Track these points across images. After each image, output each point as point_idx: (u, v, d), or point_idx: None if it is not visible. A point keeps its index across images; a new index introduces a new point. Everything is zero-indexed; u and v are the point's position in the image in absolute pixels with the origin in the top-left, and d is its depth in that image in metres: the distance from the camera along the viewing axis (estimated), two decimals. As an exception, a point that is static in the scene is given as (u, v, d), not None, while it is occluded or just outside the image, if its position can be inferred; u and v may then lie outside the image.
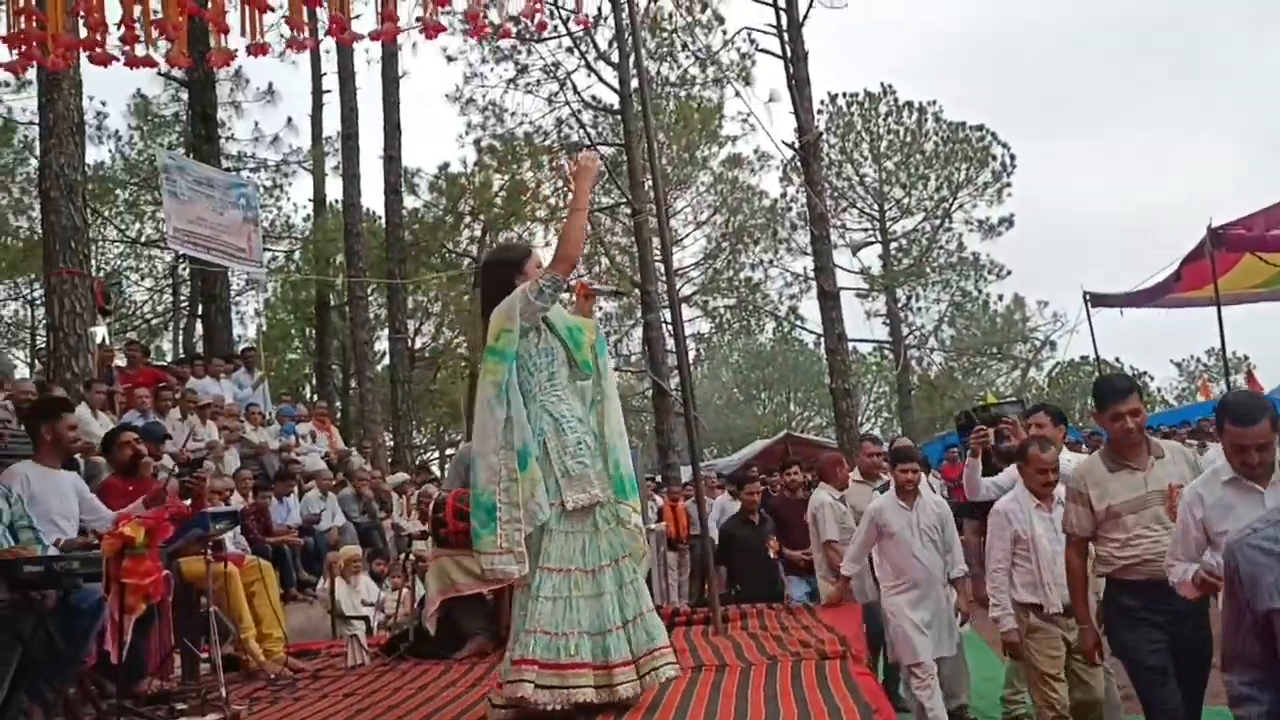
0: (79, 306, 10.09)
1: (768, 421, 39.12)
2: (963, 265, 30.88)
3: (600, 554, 3.60)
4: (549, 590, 3.48)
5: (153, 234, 24.23)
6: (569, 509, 3.55)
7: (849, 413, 16.80)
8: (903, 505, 5.77)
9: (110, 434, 6.10)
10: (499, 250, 4.34)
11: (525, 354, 3.64)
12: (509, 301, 3.61)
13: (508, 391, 3.56)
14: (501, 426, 3.53)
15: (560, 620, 3.47)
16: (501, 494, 3.48)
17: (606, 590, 3.56)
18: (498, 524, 3.46)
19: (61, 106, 10.28)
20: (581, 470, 3.58)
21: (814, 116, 18.22)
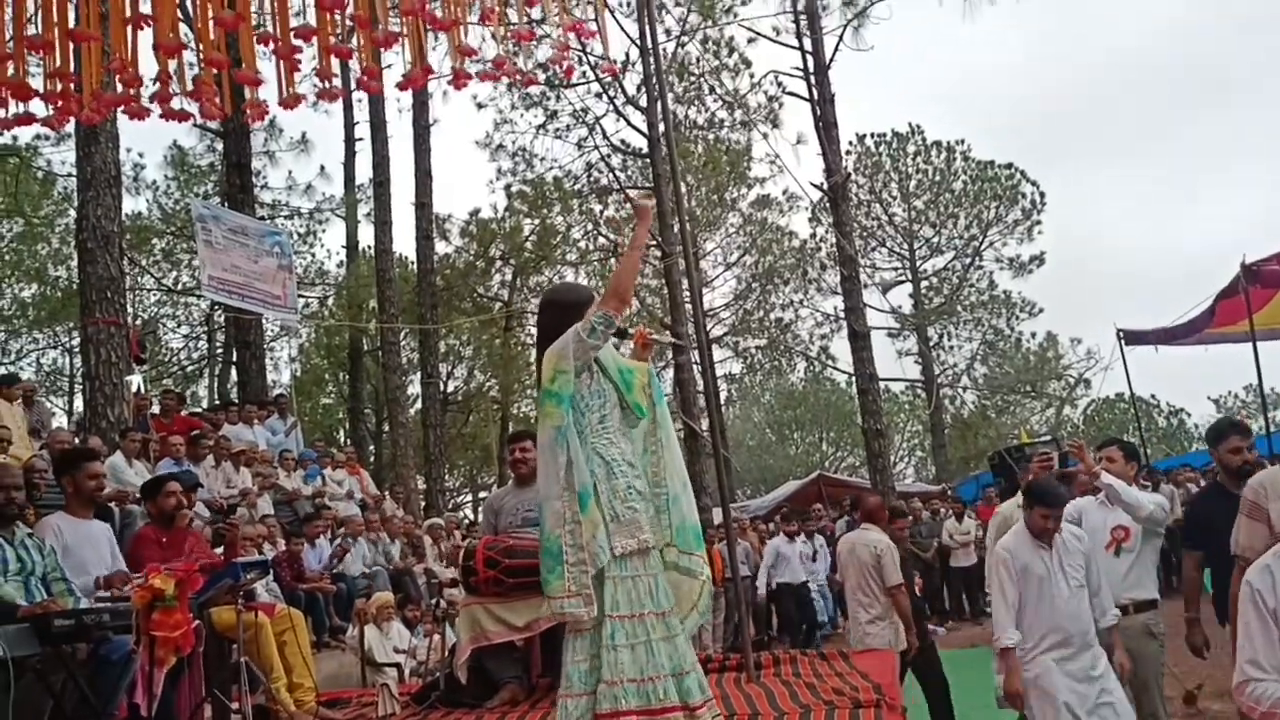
0: (115, 356, 10.22)
1: (800, 462, 38.90)
2: (994, 303, 30.72)
3: (668, 596, 3.56)
4: (623, 638, 3.43)
5: (189, 282, 24.56)
6: (617, 554, 3.50)
7: (881, 453, 16.68)
8: (1041, 546, 4.99)
9: (154, 483, 6.02)
10: (560, 289, 4.30)
11: (577, 395, 3.62)
12: (562, 342, 3.60)
13: (566, 434, 3.53)
14: (564, 470, 3.51)
15: (645, 665, 3.41)
16: (567, 536, 3.46)
17: (676, 632, 3.52)
18: (564, 567, 3.43)
19: (99, 159, 10.49)
20: (631, 515, 3.54)
21: (842, 157, 18.26)
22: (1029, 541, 4.94)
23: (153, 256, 24.99)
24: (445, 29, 5.22)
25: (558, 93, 20.40)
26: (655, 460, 3.84)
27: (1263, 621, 2.74)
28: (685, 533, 3.79)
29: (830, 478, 23.66)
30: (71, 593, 4.72)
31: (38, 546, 4.68)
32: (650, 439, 3.86)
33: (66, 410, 25.41)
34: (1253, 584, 2.77)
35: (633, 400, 3.78)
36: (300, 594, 8.95)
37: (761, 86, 20.62)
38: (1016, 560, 4.90)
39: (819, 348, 29.48)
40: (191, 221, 14.35)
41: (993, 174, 29.97)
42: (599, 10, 6.02)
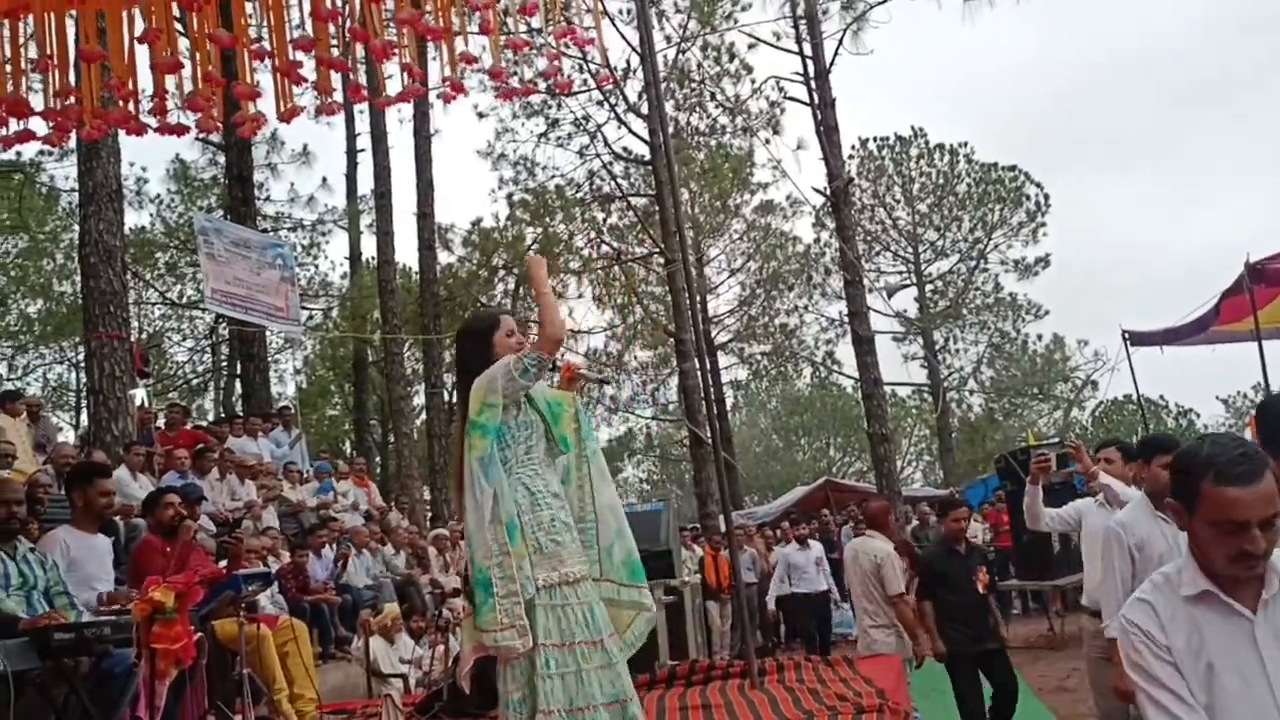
0: (118, 370, 10.25)
1: (807, 468, 38.88)
2: (1000, 306, 30.66)
3: (605, 623, 3.53)
4: (555, 667, 3.40)
5: (193, 295, 24.60)
6: (540, 585, 3.48)
7: (888, 457, 16.68)
8: (1161, 516, 4.21)
9: (153, 495, 6.10)
10: (470, 318, 4.32)
11: (505, 426, 3.61)
12: (490, 374, 3.58)
13: (491, 467, 3.52)
14: (490, 502, 3.50)
15: (575, 695, 3.38)
16: (495, 568, 3.43)
17: (615, 660, 3.49)
18: (495, 599, 3.39)
19: (100, 174, 10.52)
20: (554, 548, 3.52)
21: (844, 162, 18.26)
22: (1146, 511, 4.23)
23: (156, 270, 25.06)
24: (440, 38, 5.24)
25: (559, 101, 20.43)
26: (580, 493, 3.81)
27: None
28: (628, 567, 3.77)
29: (837, 483, 23.63)
30: (74, 606, 4.73)
31: (40, 561, 4.70)
32: (577, 472, 3.84)
33: (73, 425, 25.49)
34: None
35: (559, 433, 3.76)
36: (305, 605, 8.94)
37: (762, 92, 20.65)
38: (1131, 534, 4.15)
39: (824, 353, 29.44)
40: (194, 235, 14.39)
41: (996, 176, 29.94)
42: (596, 18, 6.04)
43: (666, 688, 6.29)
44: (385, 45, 5.12)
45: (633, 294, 22.88)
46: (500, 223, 22.97)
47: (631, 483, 39.96)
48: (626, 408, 27.32)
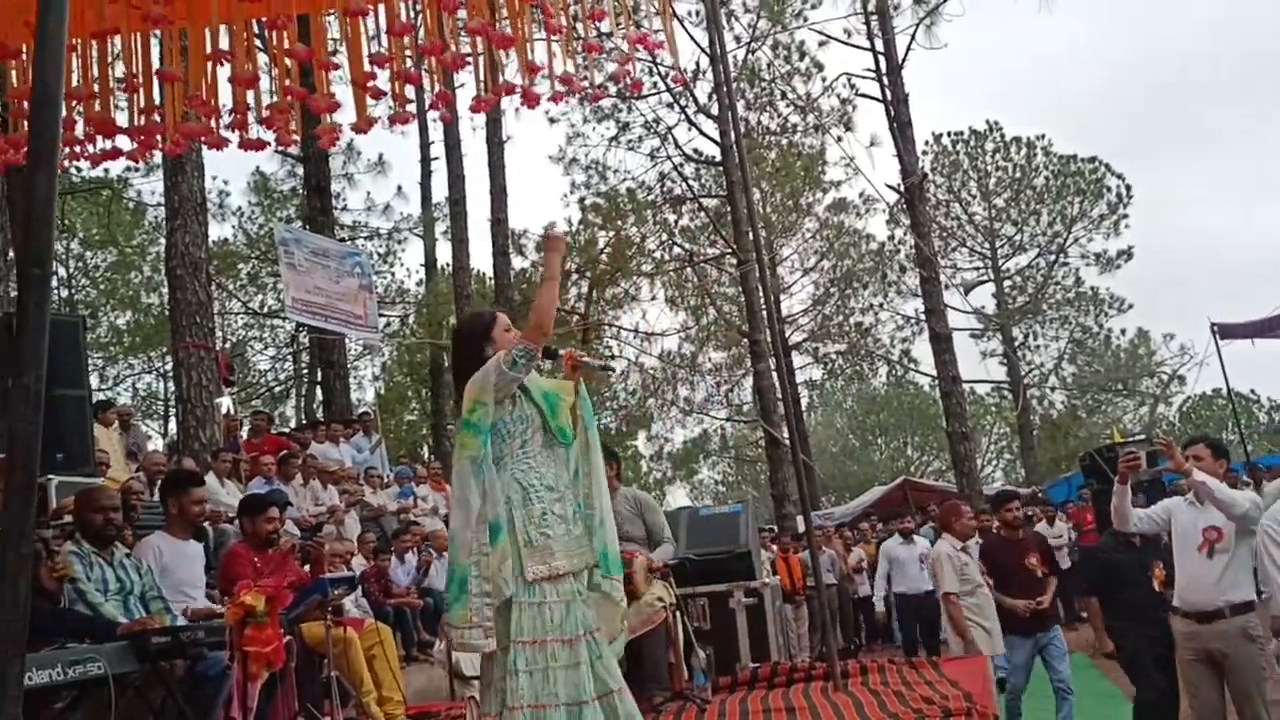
0: (205, 379, 10.50)
1: (885, 467, 38.49)
2: (1081, 300, 30.08)
3: (577, 623, 3.53)
4: (523, 664, 3.43)
5: (274, 305, 25.14)
6: (528, 580, 3.50)
7: (968, 456, 16.43)
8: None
9: (255, 504, 6.10)
10: (464, 320, 4.32)
11: (499, 421, 3.62)
12: (483, 373, 3.59)
13: (482, 466, 3.54)
14: (478, 501, 3.52)
15: (540, 692, 3.40)
16: (473, 568, 3.47)
17: (583, 660, 3.50)
18: (469, 597, 3.45)
19: (185, 189, 10.79)
20: (544, 541, 3.54)
21: (918, 157, 18.05)
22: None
23: (239, 281, 25.64)
24: (512, 46, 5.27)
25: (629, 104, 20.49)
26: (587, 483, 3.82)
27: None
28: (606, 559, 3.77)
29: (916, 482, 23.35)
30: (168, 611, 4.86)
31: (135, 566, 4.84)
32: (582, 460, 3.84)
33: (161, 433, 26.13)
34: None
35: (556, 425, 3.75)
36: (388, 609, 9.07)
37: (834, 89, 20.50)
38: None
39: (900, 351, 29.16)
40: (275, 245, 14.68)
41: (1075, 168, 29.38)
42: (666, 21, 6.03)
43: (749, 690, 6.27)
44: (457, 58, 5.18)
45: (705, 295, 22.84)
46: (573, 227, 23.10)
47: (706, 484, 39.90)
48: (701, 409, 27.27)
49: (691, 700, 5.74)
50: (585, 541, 3.69)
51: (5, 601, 1.67)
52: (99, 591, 4.51)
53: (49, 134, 1.77)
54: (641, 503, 6.31)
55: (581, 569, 3.63)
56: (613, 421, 26.02)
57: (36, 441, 1.78)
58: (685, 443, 29.81)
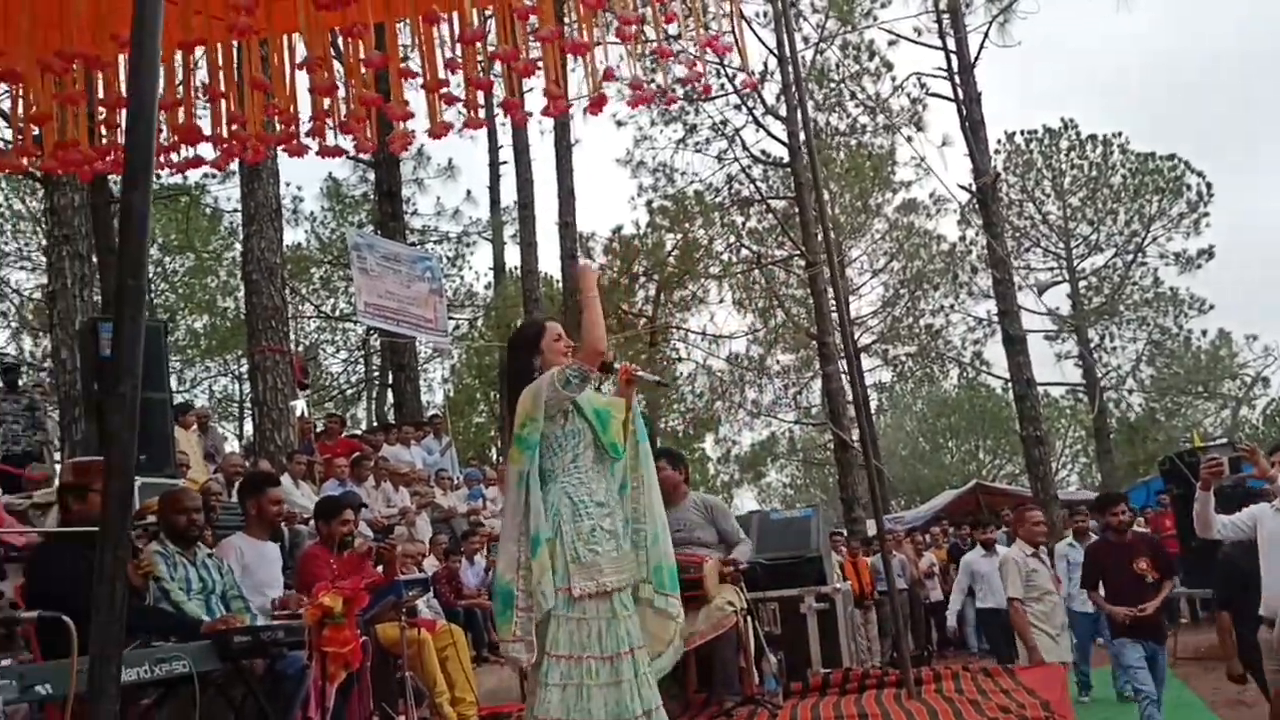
0: (280, 382, 10.70)
1: (956, 471, 37.96)
2: (1160, 301, 29.40)
3: (619, 640, 3.53)
4: (557, 677, 3.44)
5: (345, 308, 25.52)
6: (575, 595, 3.51)
7: (1042, 460, 16.14)
8: None
9: (331, 506, 6.17)
10: (517, 331, 4.30)
11: (550, 435, 3.66)
12: (535, 387, 3.63)
13: (528, 480, 3.58)
14: (522, 516, 3.56)
15: (571, 707, 3.41)
16: (519, 581, 3.51)
17: (625, 678, 3.49)
18: (514, 611, 3.49)
19: (261, 195, 11.01)
20: (593, 558, 3.55)
21: (990, 157, 17.80)
22: None
23: (311, 285, 26.07)
24: (582, 52, 5.29)
25: (696, 106, 20.47)
26: (636, 497, 3.85)
27: None
28: (661, 573, 3.80)
29: (989, 486, 23.02)
30: (249, 610, 4.96)
31: (217, 566, 4.94)
32: (632, 474, 3.86)
33: (237, 435, 26.67)
34: None
35: (608, 440, 3.77)
36: (459, 610, 9.16)
37: (904, 89, 20.29)
38: None
39: (972, 353, 28.74)
40: (347, 250, 14.89)
41: (1154, 166, 28.73)
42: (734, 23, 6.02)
43: (820, 695, 6.22)
44: (528, 64, 5.22)
45: (773, 297, 22.74)
46: (640, 230, 23.14)
47: (775, 488, 39.72)
48: (769, 412, 27.15)
49: (763, 705, 5.71)
50: (632, 557, 3.71)
51: (103, 602, 1.72)
52: (182, 590, 4.61)
53: (144, 149, 1.82)
54: (712, 507, 6.29)
55: (627, 585, 3.65)
56: (680, 424, 26.04)
57: (133, 448, 1.83)
58: (753, 445, 29.73)
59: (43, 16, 4.55)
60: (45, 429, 10.26)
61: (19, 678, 3.12)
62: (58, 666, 3.19)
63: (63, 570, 4.12)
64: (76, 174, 6.00)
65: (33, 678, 3.17)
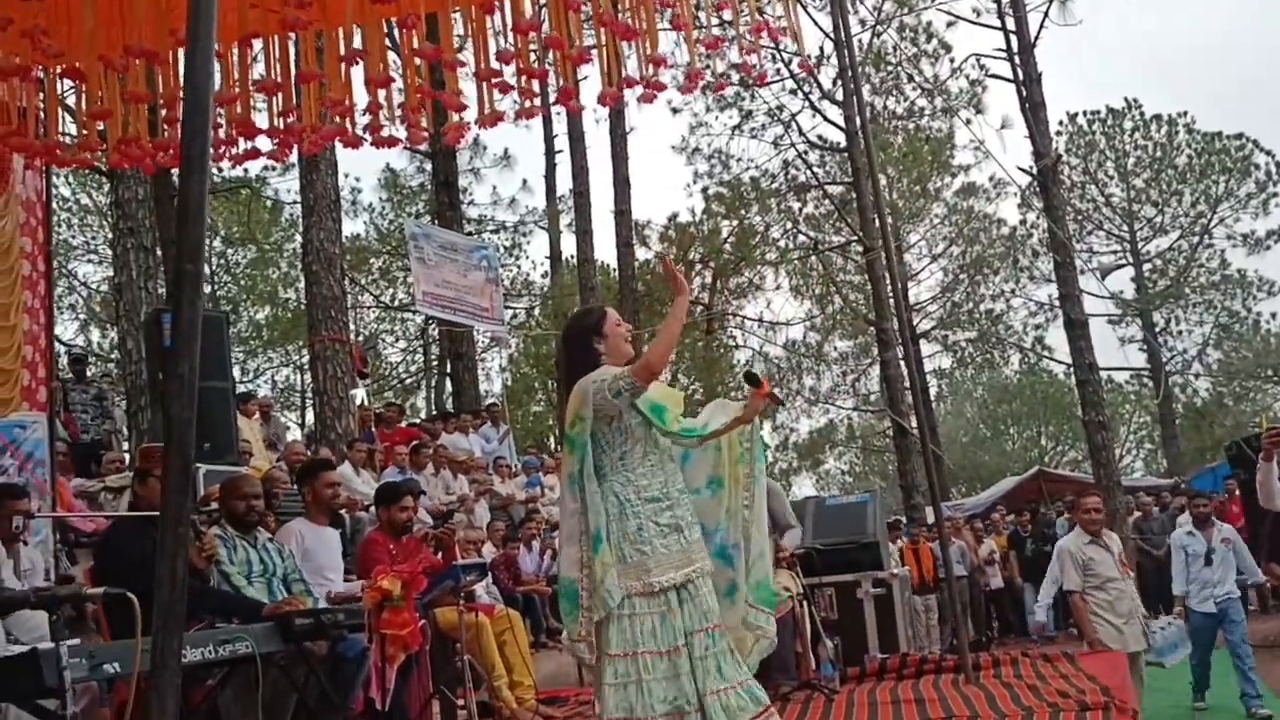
0: (340, 371, 10.84)
1: (1017, 457, 37.44)
2: (1227, 283, 28.78)
3: (675, 633, 3.45)
4: (612, 676, 3.41)
5: (404, 298, 25.78)
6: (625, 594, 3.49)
7: (1105, 446, 15.83)
8: None
9: (392, 492, 6.18)
10: (574, 317, 4.21)
11: (599, 433, 3.60)
12: (583, 387, 3.57)
13: (581, 479, 3.53)
14: (576, 518, 3.53)
15: (633, 705, 3.37)
16: (584, 580, 3.48)
17: (683, 671, 3.41)
18: (580, 611, 3.48)
19: (320, 186, 11.15)
20: (639, 559, 3.48)
21: (1051, 139, 17.49)
22: None
23: (371, 275, 26.36)
24: (635, 38, 5.30)
25: (752, 92, 20.37)
26: (748, 517, 3.79)
27: None
28: (762, 590, 3.80)
29: (1051, 473, 22.68)
30: (309, 593, 5.04)
31: (278, 550, 5.03)
32: (745, 492, 3.81)
33: (299, 423, 27.07)
34: None
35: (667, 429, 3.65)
36: (518, 596, 9.24)
37: (963, 71, 20.02)
38: None
39: (1033, 338, 28.34)
40: (405, 240, 15.04)
41: (1221, 146, 28.07)
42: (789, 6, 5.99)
43: (877, 681, 6.21)
44: (581, 51, 5.23)
45: (831, 283, 22.60)
46: (696, 217, 23.12)
47: (833, 474, 39.48)
48: (827, 399, 27.02)
49: (819, 690, 5.72)
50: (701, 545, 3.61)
51: (164, 579, 1.77)
52: (242, 575, 4.70)
53: (200, 138, 1.86)
54: (767, 490, 6.28)
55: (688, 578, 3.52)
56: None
57: (191, 430, 1.88)
58: (811, 433, 29.60)
59: (104, 14, 4.64)
60: (113, 418, 10.52)
61: (88, 656, 3.21)
62: (125, 645, 3.27)
63: (129, 551, 4.22)
64: (140, 168, 6.12)
65: (101, 656, 3.25)
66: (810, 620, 6.05)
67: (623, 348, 3.73)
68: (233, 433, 8.36)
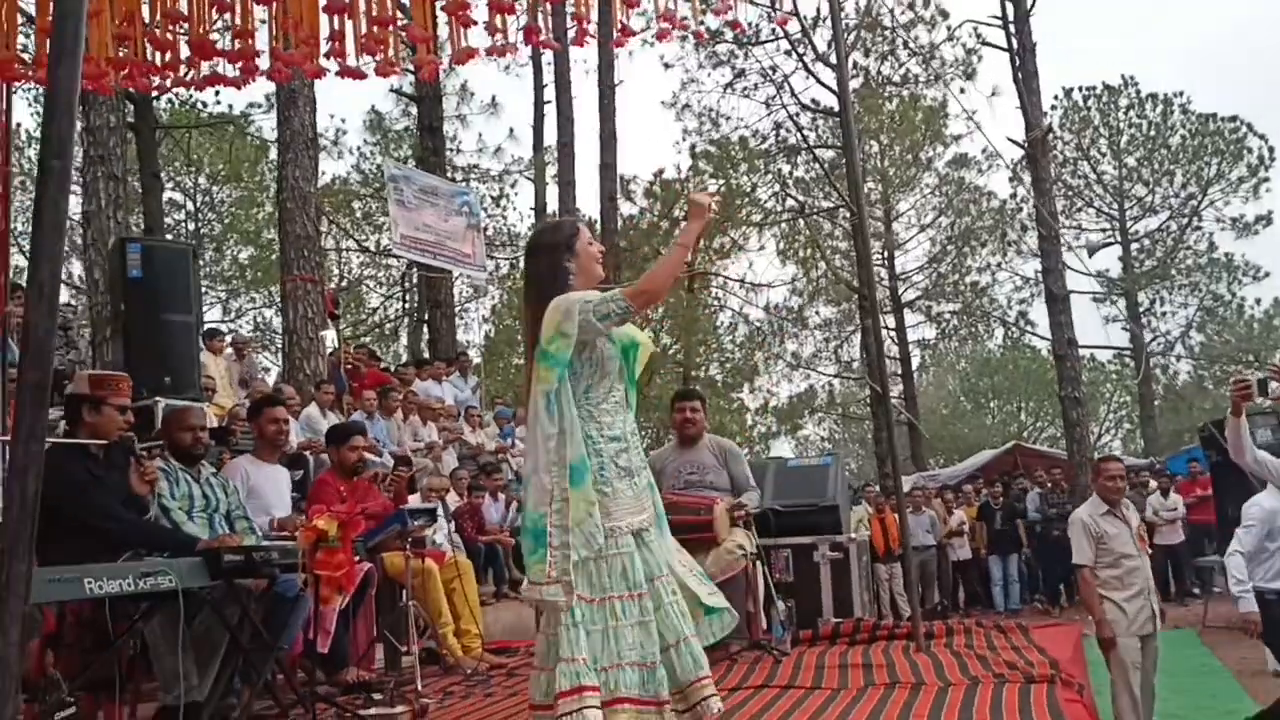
0: (311, 311, 10.69)
1: (997, 431, 37.55)
2: (1214, 266, 28.84)
3: (641, 575, 3.22)
4: (582, 617, 3.12)
5: (386, 244, 25.53)
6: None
7: (1080, 422, 15.86)
8: None
9: (341, 432, 6.09)
10: (543, 230, 3.85)
11: (571, 359, 3.28)
12: (567, 300, 3.24)
13: (559, 401, 3.21)
14: (554, 442, 3.19)
15: (600, 653, 3.11)
16: (554, 515, 3.14)
17: (650, 616, 3.20)
18: (548, 550, 3.12)
19: (296, 122, 10.94)
20: (602, 499, 3.21)
21: (1044, 112, 17.35)
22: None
23: (355, 219, 26.09)
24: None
25: (746, 51, 20.12)
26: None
27: None
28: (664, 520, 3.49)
29: (1027, 448, 22.72)
30: (253, 531, 4.95)
31: (222, 485, 4.93)
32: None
33: (280, 365, 26.84)
34: None
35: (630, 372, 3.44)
36: (480, 546, 9.19)
37: (958, 38, 19.81)
38: None
39: (1017, 313, 28.32)
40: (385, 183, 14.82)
41: (1215, 128, 28.03)
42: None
43: (829, 645, 6.17)
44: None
45: (816, 248, 22.46)
46: (682, 174, 22.90)
47: (812, 440, 39.54)
48: (808, 364, 26.96)
49: (769, 651, 5.67)
50: (648, 494, 3.39)
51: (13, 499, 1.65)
52: (183, 510, 4.60)
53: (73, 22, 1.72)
54: (726, 450, 6.21)
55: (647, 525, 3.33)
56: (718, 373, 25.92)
57: (50, 341, 1.75)
58: (791, 398, 29.54)
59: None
60: (78, 348, 10.35)
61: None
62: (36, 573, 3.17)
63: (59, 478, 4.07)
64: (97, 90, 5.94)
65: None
66: (763, 581, 5.98)
67: (594, 269, 3.43)
68: (195, 367, 8.20)
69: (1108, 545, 5.70)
